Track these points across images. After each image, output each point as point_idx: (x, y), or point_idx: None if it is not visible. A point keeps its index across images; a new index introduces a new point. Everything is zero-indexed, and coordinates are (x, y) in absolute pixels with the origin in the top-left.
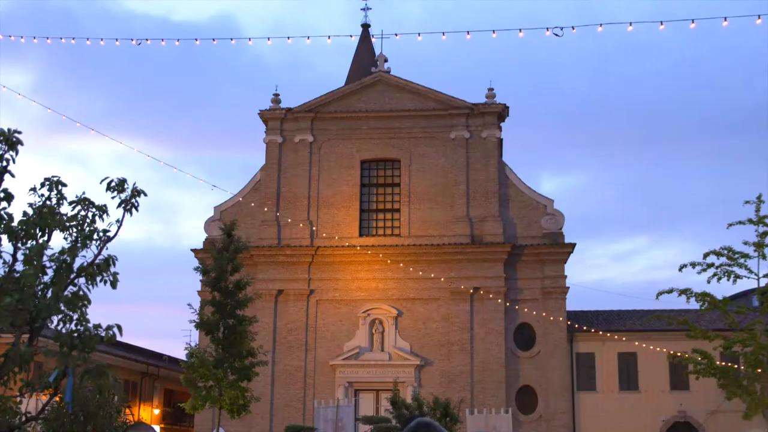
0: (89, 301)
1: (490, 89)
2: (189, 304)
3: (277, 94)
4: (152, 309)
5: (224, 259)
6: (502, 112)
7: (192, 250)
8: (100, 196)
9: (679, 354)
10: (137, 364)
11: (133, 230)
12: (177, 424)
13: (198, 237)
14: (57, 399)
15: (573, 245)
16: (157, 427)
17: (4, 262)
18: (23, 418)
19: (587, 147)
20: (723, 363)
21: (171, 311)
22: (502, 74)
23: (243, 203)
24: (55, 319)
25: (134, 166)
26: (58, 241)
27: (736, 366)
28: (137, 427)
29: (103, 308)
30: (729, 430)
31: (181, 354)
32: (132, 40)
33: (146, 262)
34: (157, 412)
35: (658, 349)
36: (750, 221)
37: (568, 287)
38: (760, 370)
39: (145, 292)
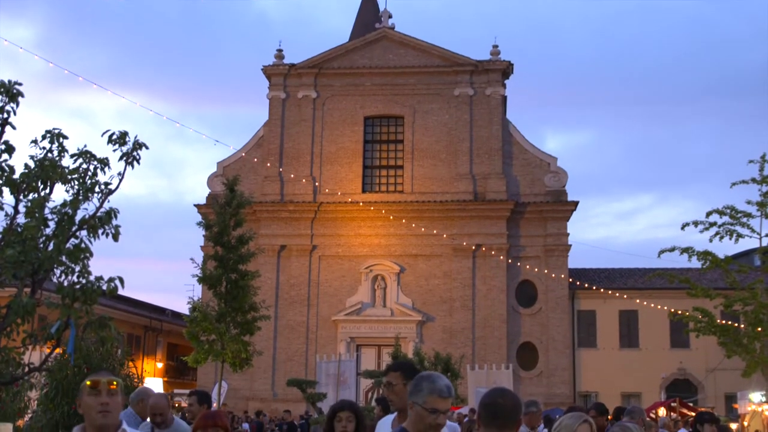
0: (91, 254)
1: (495, 46)
2: (192, 259)
3: (280, 50)
4: (156, 264)
5: (227, 214)
6: (507, 70)
7: (195, 205)
8: (102, 150)
9: (679, 312)
10: (140, 318)
11: (136, 185)
12: (180, 377)
13: (201, 192)
14: (59, 351)
15: (576, 203)
16: (159, 380)
17: (6, 215)
18: (26, 369)
19: (592, 105)
20: (723, 321)
21: (174, 266)
22: (507, 31)
23: (246, 159)
24: (57, 271)
25: (137, 122)
26: (59, 193)
27: (736, 324)
28: (98, 373)
29: (107, 262)
30: (728, 388)
31: (184, 308)
32: None
33: (150, 218)
34: (160, 365)
35: (659, 307)
36: (754, 180)
37: (570, 245)
38: (760, 329)
39: (149, 247)
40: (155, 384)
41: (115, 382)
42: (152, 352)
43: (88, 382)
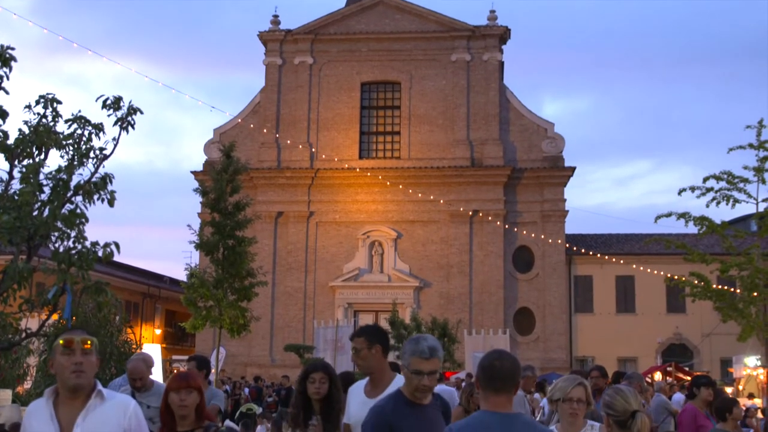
0: (87, 219)
1: (492, 11)
2: (188, 225)
3: (276, 16)
4: (154, 231)
5: (223, 180)
6: (504, 35)
7: (192, 172)
8: (97, 116)
9: (676, 277)
10: (139, 285)
11: (133, 153)
12: (178, 344)
13: (198, 159)
14: (56, 317)
15: (573, 169)
16: (158, 346)
17: (1, 181)
18: (23, 335)
19: (590, 71)
20: (719, 286)
21: (172, 233)
22: None
23: (242, 125)
24: (53, 237)
25: (133, 89)
26: (54, 159)
27: (732, 289)
28: (72, 332)
29: (104, 230)
30: (723, 352)
31: (182, 275)
32: None
33: (147, 185)
34: (158, 332)
35: (656, 272)
36: (750, 146)
37: (567, 210)
38: (756, 294)
39: (147, 215)
40: (153, 350)
41: (89, 341)
42: (150, 319)
43: (61, 341)
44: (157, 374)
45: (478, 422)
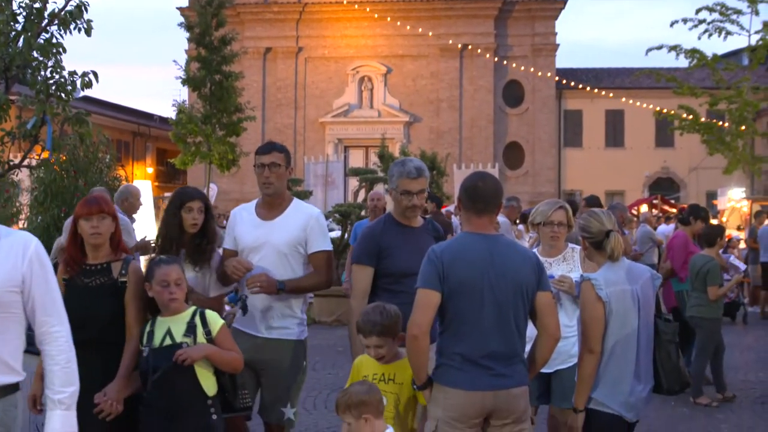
0: (64, 49)
1: None
2: (174, 61)
3: None
4: (142, 70)
5: (208, 13)
6: None
7: (177, 8)
8: None
9: (665, 111)
10: (128, 124)
11: None
12: (171, 182)
13: None
14: (38, 149)
15: (564, 1)
16: (148, 182)
17: None
18: (6, 166)
19: None
20: (708, 119)
21: (161, 72)
22: None
23: None
24: (30, 69)
25: None
26: None
27: (720, 123)
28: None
29: (93, 68)
30: (709, 186)
31: (171, 114)
32: None
33: (133, 23)
34: (150, 170)
35: (645, 105)
36: None
37: (558, 44)
38: (743, 127)
39: (134, 53)
40: (144, 186)
41: None
42: (142, 158)
43: None
44: (147, 211)
45: (461, 243)
